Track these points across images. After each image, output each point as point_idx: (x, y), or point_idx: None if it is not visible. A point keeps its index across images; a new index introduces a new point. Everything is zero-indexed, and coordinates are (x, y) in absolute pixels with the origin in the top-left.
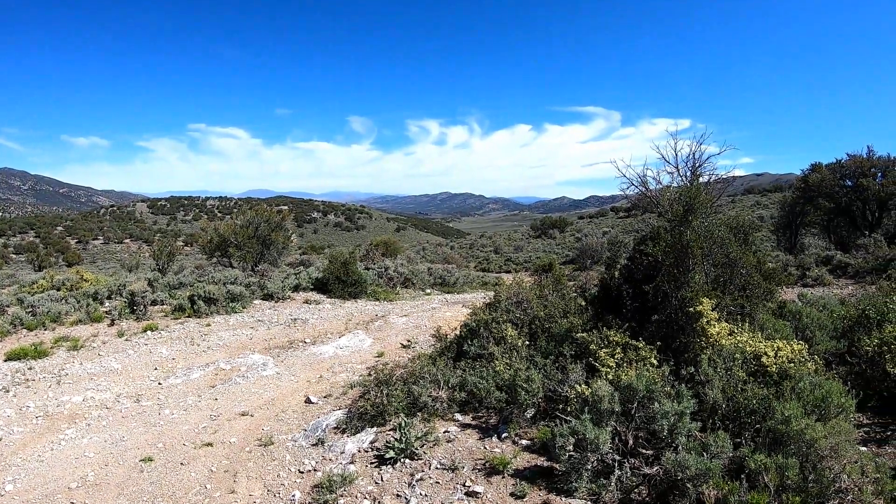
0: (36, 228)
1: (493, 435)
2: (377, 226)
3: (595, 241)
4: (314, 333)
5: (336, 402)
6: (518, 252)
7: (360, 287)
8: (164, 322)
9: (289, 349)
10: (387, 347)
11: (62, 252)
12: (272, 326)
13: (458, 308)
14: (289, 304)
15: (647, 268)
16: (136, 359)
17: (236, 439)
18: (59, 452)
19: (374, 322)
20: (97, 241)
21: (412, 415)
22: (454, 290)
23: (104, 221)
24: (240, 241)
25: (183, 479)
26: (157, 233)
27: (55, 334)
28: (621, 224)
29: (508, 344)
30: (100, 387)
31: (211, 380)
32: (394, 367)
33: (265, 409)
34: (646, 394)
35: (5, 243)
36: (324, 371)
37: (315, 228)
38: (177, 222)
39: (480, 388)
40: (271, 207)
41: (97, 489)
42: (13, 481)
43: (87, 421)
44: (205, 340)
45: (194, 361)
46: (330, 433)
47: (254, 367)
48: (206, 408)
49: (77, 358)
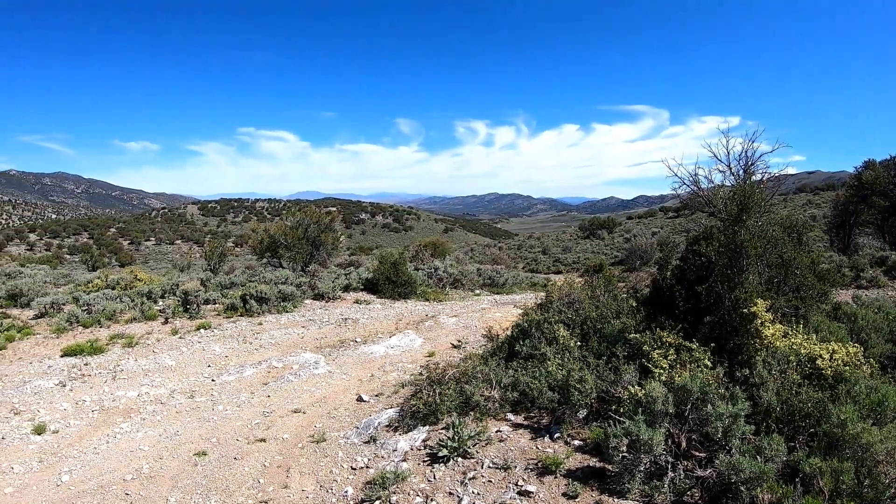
0: (89, 230)
1: (546, 435)
2: (425, 227)
3: (644, 242)
4: (365, 333)
5: (387, 400)
6: (566, 253)
7: (410, 287)
8: (217, 321)
9: (340, 348)
10: (437, 347)
11: (115, 253)
12: (323, 326)
13: (508, 309)
14: (339, 304)
15: (700, 268)
16: (189, 356)
17: (289, 435)
18: (115, 445)
19: (425, 322)
20: (149, 242)
21: (464, 414)
22: (503, 290)
23: (156, 223)
24: (290, 242)
25: (236, 473)
26: (208, 234)
27: (110, 332)
28: (671, 224)
29: (560, 344)
30: (154, 383)
31: (263, 377)
32: (446, 367)
33: (317, 406)
34: (700, 395)
35: (60, 244)
36: (375, 370)
37: (363, 229)
38: (227, 224)
39: (533, 388)
40: (320, 209)
41: (152, 481)
42: (69, 472)
43: (142, 415)
44: (257, 339)
45: (247, 359)
46: (382, 431)
47: (306, 366)
48: (259, 404)
49: (132, 355)
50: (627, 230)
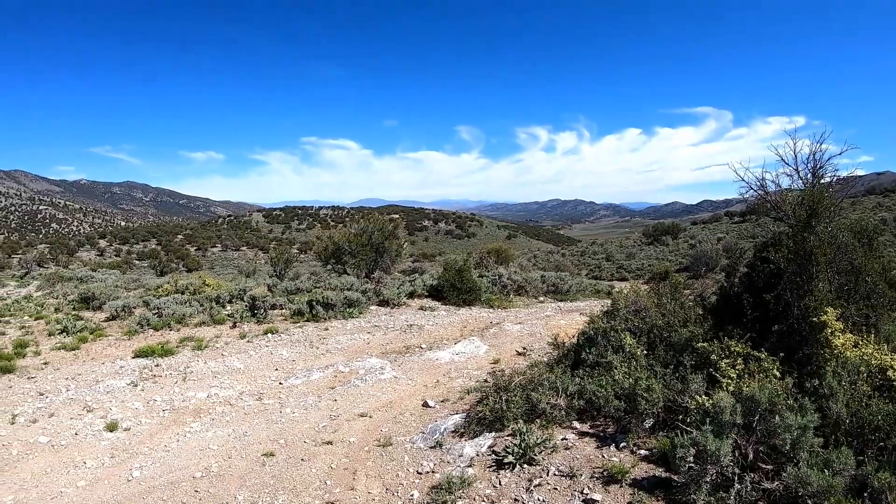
0: (157, 237)
1: (611, 444)
2: (488, 233)
3: (710, 248)
4: (430, 339)
5: (453, 406)
6: (630, 259)
7: (475, 294)
8: (284, 325)
9: (405, 354)
10: (502, 354)
11: (182, 258)
12: (388, 331)
13: (573, 316)
14: (404, 310)
15: (769, 276)
16: (257, 359)
17: (355, 439)
18: (185, 444)
19: (489, 329)
20: (215, 249)
21: (530, 421)
22: (567, 297)
23: (222, 230)
24: (354, 249)
25: (304, 474)
26: (273, 241)
27: (180, 335)
28: (736, 229)
29: (627, 353)
30: (223, 384)
31: (330, 381)
32: (512, 374)
33: (383, 411)
34: (768, 406)
35: (129, 250)
36: (440, 376)
37: (426, 236)
38: (291, 231)
39: (599, 397)
40: (383, 216)
41: (220, 479)
42: (140, 468)
43: (212, 416)
44: (323, 344)
45: (313, 363)
46: (448, 436)
47: (372, 371)
48: (326, 408)
49: (201, 357)
50: (692, 236)
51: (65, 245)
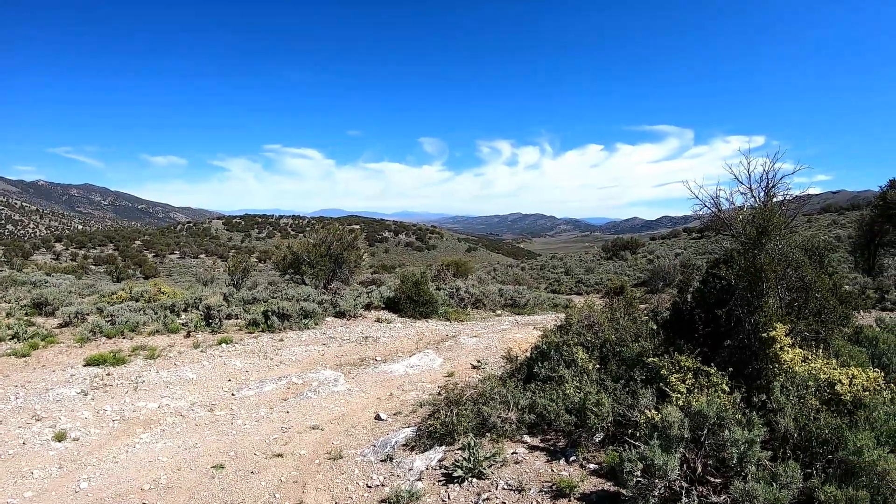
0: (115, 242)
1: (561, 458)
2: (448, 246)
3: (667, 263)
4: (385, 352)
5: (405, 419)
6: (589, 274)
7: (432, 307)
8: (239, 336)
9: (360, 366)
10: (457, 367)
11: (140, 265)
12: (344, 343)
13: (529, 330)
14: (360, 322)
15: (720, 291)
16: (210, 370)
17: (306, 451)
18: (134, 455)
19: (445, 342)
20: (173, 256)
21: (481, 435)
22: (525, 311)
23: (181, 237)
24: (313, 259)
25: (253, 487)
26: (232, 249)
27: (133, 343)
28: (693, 245)
29: (579, 367)
30: (175, 395)
31: (283, 393)
32: (464, 388)
33: (335, 423)
34: (716, 421)
35: (86, 255)
36: (394, 389)
37: (386, 248)
38: (251, 239)
39: (550, 411)
40: (343, 226)
41: (169, 492)
42: (88, 479)
43: (162, 427)
44: (278, 355)
45: (267, 374)
46: (399, 450)
47: (325, 383)
48: (278, 420)
49: (154, 366)
50: (650, 251)
51: (20, 248)
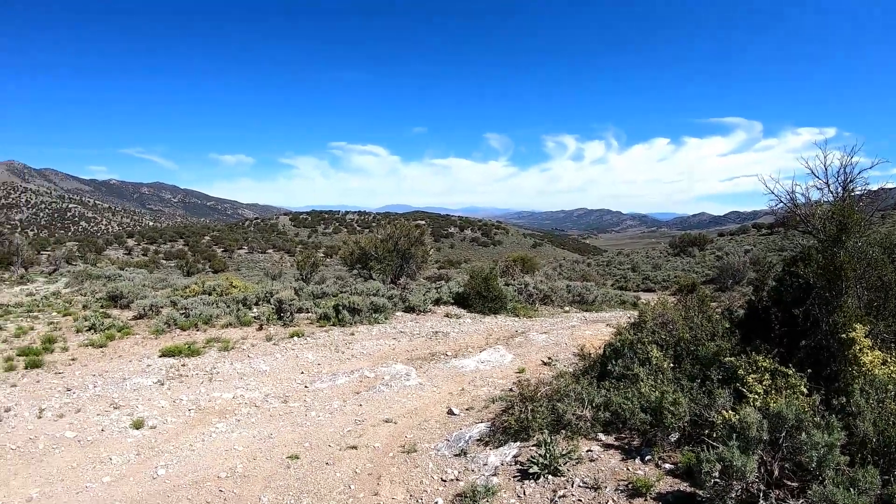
0: (185, 237)
1: (636, 457)
2: (513, 241)
3: (736, 261)
4: (455, 347)
5: (478, 415)
6: (656, 270)
7: (500, 303)
8: (310, 329)
9: (431, 361)
10: (527, 364)
11: (209, 260)
12: (414, 338)
13: (598, 327)
14: (430, 317)
15: (797, 290)
16: (283, 362)
17: (380, 444)
18: (210, 444)
19: (515, 338)
20: (242, 251)
21: (555, 432)
22: (592, 308)
23: (249, 232)
24: (380, 255)
25: (328, 477)
26: (299, 244)
27: (206, 335)
28: (763, 242)
29: (653, 365)
30: (249, 386)
31: (356, 386)
32: (538, 384)
33: (408, 417)
34: (795, 423)
35: (156, 250)
36: (465, 384)
37: (452, 243)
38: (317, 235)
39: (625, 409)
40: (409, 222)
41: (245, 480)
42: (165, 466)
43: (237, 417)
44: (349, 349)
45: (339, 368)
46: (473, 445)
47: (397, 377)
48: (351, 413)
49: (227, 358)
50: (719, 248)
51: (93, 243)
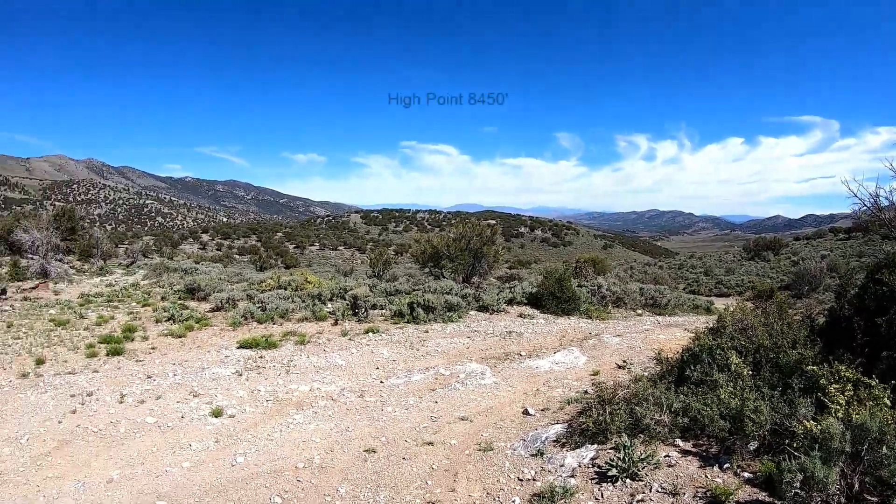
0: (258, 233)
1: (715, 464)
2: (584, 242)
3: (813, 266)
4: (529, 347)
5: (553, 416)
6: (729, 275)
7: (574, 304)
8: (384, 326)
9: (505, 360)
10: (602, 366)
11: (281, 255)
12: (488, 337)
13: (672, 331)
14: (503, 317)
15: (881, 299)
16: (358, 357)
17: (456, 441)
18: (287, 434)
19: (588, 340)
20: (313, 247)
21: (633, 436)
22: (665, 311)
23: (320, 229)
24: (452, 254)
25: (405, 472)
26: (370, 242)
27: (283, 329)
28: (841, 247)
29: (732, 372)
30: (325, 379)
31: (431, 383)
32: (615, 387)
33: (484, 416)
34: (877, 436)
35: (230, 245)
36: (540, 385)
37: (522, 243)
38: (388, 233)
39: (703, 415)
40: (481, 221)
41: (322, 471)
42: (244, 454)
43: (314, 409)
44: (423, 346)
45: (414, 365)
46: (549, 445)
47: (472, 375)
48: (427, 409)
49: (304, 351)
50: (794, 252)
51: (169, 238)
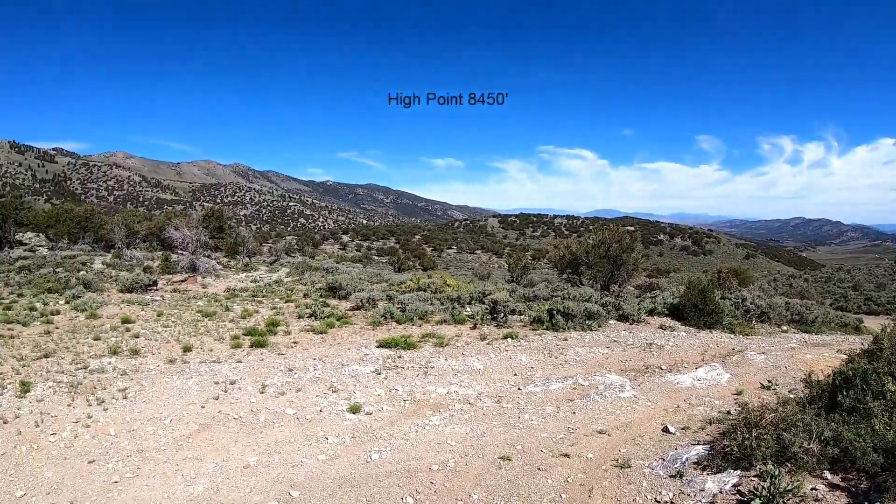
0: (396, 235)
1: (864, 502)
2: (724, 252)
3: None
4: (670, 361)
5: (694, 435)
6: (880, 290)
7: (716, 317)
8: (523, 332)
9: (644, 373)
10: (745, 385)
11: (419, 258)
12: (627, 348)
13: (820, 351)
14: (643, 328)
15: None
16: (496, 362)
17: (593, 455)
18: (423, 435)
19: (731, 356)
20: (451, 251)
21: (779, 464)
22: (811, 329)
23: (458, 233)
24: (591, 260)
25: (539, 483)
26: (507, 246)
27: (421, 330)
28: None
29: (889, 400)
30: (462, 383)
31: (569, 393)
32: (762, 409)
33: (621, 430)
34: None
35: (369, 246)
36: (680, 401)
37: (661, 251)
38: (525, 237)
39: (856, 447)
40: (619, 227)
41: (456, 475)
42: (379, 452)
43: (450, 412)
44: (562, 354)
45: (552, 373)
46: (689, 467)
47: (611, 388)
48: (564, 419)
49: (442, 354)
50: None
51: (310, 238)
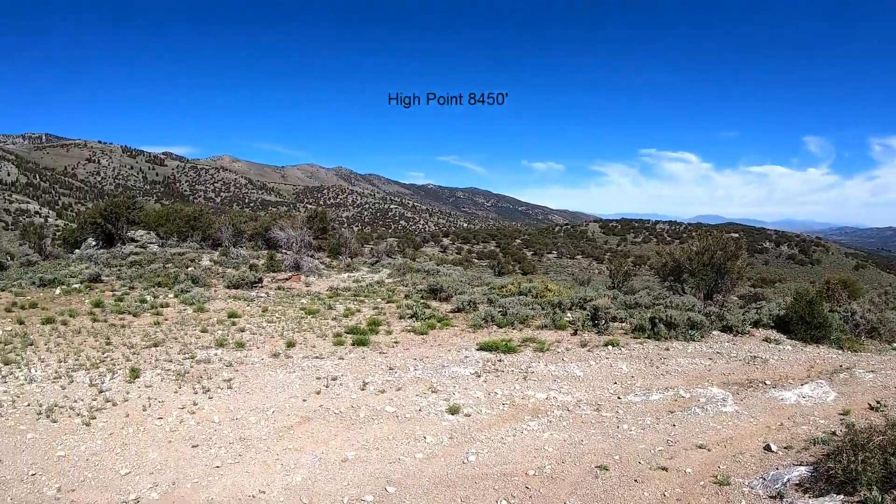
0: (496, 239)
1: None
2: (833, 261)
3: None
4: (774, 376)
5: (797, 455)
6: None
7: (824, 331)
8: (624, 339)
9: (747, 388)
10: (852, 405)
11: (519, 262)
12: (730, 361)
13: None
14: (747, 340)
15: None
16: (597, 370)
17: (692, 470)
18: (520, 440)
19: (839, 374)
20: (551, 255)
21: (886, 491)
22: None
23: (558, 237)
24: (694, 268)
25: (635, 496)
26: (608, 252)
27: (522, 334)
28: None
29: None
30: (562, 389)
31: (669, 405)
32: (870, 431)
33: (722, 446)
34: None
35: (469, 249)
36: (784, 419)
37: (766, 259)
38: (626, 243)
39: None
40: (722, 233)
41: (552, 482)
42: (476, 454)
43: (549, 418)
44: (663, 364)
45: (653, 383)
46: (791, 489)
47: (713, 401)
48: (663, 432)
49: (542, 359)
50: None
51: (411, 240)
